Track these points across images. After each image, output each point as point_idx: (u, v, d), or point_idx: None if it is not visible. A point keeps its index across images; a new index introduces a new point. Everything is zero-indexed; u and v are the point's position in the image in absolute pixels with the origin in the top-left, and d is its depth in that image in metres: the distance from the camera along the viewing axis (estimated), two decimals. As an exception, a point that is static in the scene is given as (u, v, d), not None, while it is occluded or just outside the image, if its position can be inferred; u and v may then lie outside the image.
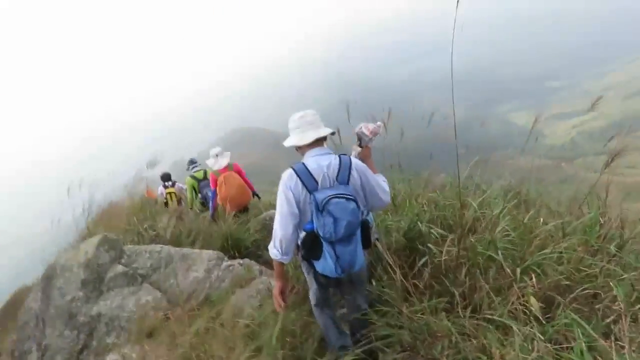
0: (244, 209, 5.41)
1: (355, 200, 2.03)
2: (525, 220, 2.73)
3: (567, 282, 2.06)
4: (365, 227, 2.19)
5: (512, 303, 2.00)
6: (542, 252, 2.26)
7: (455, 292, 2.23)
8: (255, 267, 3.96)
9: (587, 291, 1.96)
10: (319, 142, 2.27)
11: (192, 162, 6.51)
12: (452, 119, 2.21)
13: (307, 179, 2.11)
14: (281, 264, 2.26)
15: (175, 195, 7.14)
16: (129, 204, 7.13)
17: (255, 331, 2.53)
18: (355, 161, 2.24)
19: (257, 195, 5.82)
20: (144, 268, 3.92)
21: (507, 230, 2.50)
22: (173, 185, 7.21)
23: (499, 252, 2.29)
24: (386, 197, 2.30)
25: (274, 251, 2.19)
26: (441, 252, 2.55)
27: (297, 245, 2.25)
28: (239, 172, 5.42)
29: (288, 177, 2.15)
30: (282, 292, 2.35)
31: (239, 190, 5.25)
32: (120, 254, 4.02)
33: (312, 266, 2.26)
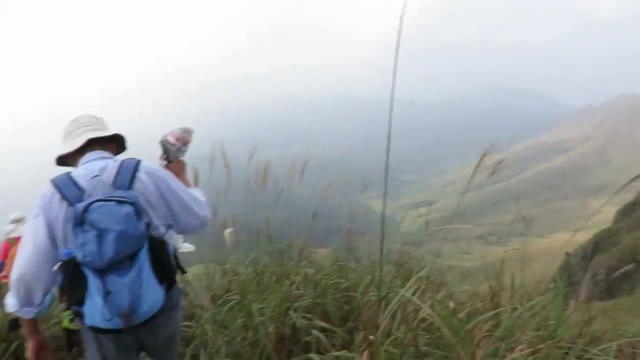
0: None
1: (134, 204, 1.39)
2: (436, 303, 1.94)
3: None
4: (159, 247, 1.45)
5: None
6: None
7: None
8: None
9: None
10: (97, 145, 1.64)
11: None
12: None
13: (68, 189, 1.46)
14: (28, 319, 1.52)
15: None
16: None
17: None
18: (149, 165, 1.62)
19: None
20: None
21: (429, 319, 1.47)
22: None
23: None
24: (203, 211, 1.72)
25: (10, 301, 1.48)
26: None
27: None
28: None
29: (42, 195, 1.50)
30: (38, 351, 1.55)
31: None
32: None
33: (83, 321, 1.40)
